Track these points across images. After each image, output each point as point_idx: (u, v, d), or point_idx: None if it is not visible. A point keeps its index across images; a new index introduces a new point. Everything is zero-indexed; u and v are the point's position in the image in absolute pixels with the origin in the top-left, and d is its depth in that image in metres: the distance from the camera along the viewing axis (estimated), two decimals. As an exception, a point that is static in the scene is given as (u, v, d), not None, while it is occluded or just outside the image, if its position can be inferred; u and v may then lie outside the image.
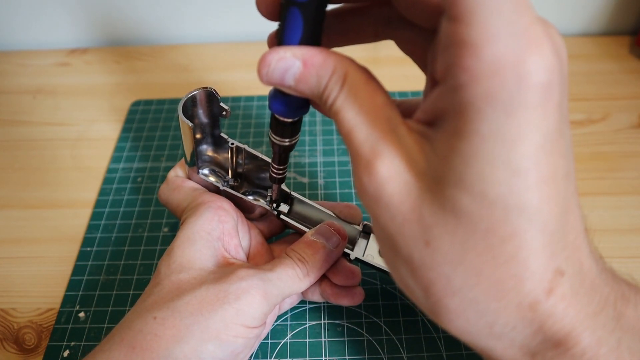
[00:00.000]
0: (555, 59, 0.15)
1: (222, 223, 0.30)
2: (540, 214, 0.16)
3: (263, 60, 0.20)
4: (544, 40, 0.15)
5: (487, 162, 0.16)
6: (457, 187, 0.17)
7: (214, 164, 0.35)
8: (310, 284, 0.29)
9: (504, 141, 0.15)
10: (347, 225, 0.33)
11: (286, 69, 0.20)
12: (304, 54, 0.19)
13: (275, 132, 0.25)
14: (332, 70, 0.19)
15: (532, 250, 0.17)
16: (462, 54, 0.15)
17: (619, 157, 0.44)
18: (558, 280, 0.17)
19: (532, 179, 0.16)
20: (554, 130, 0.16)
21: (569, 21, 0.58)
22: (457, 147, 0.16)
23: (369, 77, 0.20)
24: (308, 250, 0.29)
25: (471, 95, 0.15)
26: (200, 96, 0.30)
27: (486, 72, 0.15)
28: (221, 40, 0.59)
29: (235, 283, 0.26)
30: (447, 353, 0.32)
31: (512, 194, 0.16)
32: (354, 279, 0.31)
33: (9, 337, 0.34)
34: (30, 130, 0.48)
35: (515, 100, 0.15)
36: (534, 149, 0.16)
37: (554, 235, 0.17)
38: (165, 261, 0.28)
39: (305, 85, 0.20)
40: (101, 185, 0.43)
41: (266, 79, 0.20)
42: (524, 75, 0.15)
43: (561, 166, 0.17)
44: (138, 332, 0.24)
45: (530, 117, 0.15)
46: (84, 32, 0.58)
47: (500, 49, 0.15)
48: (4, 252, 0.39)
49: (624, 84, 0.51)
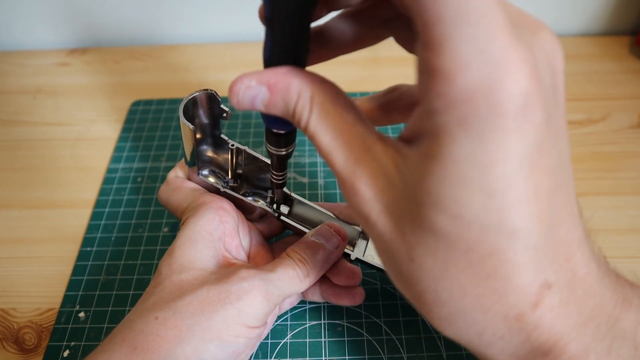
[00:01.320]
0: (531, 81, 0.15)
1: (223, 223, 0.30)
2: (520, 232, 0.16)
3: (231, 90, 0.20)
4: (519, 64, 0.15)
5: (461, 185, 0.16)
6: (433, 208, 0.17)
7: (213, 165, 0.35)
8: (310, 284, 0.29)
9: (477, 165, 0.16)
10: (347, 226, 0.33)
11: (254, 96, 0.20)
12: (269, 80, 0.20)
13: (270, 143, 0.25)
14: (297, 94, 0.20)
15: (514, 266, 0.17)
16: (435, 81, 0.15)
17: (619, 157, 0.44)
18: (545, 293, 0.17)
19: (510, 199, 0.16)
20: (534, 149, 0.16)
21: (569, 21, 0.58)
22: (431, 170, 0.16)
23: (336, 95, 0.20)
24: (308, 250, 0.29)
25: (444, 120, 0.15)
26: (200, 98, 0.30)
27: (459, 100, 0.15)
28: (221, 40, 0.59)
29: (237, 283, 0.26)
30: (447, 353, 0.32)
31: (489, 215, 0.16)
32: (355, 279, 0.31)
33: (9, 337, 0.34)
34: (30, 130, 0.48)
35: (488, 126, 0.15)
36: (510, 171, 0.16)
37: (539, 250, 0.17)
38: (166, 261, 0.28)
39: (276, 109, 0.20)
40: (101, 185, 0.43)
41: (237, 107, 0.21)
42: (497, 102, 0.15)
43: (546, 182, 0.17)
44: (139, 333, 0.24)
45: (504, 141, 0.15)
46: (84, 32, 0.58)
47: (473, 77, 0.15)
48: (4, 252, 0.39)
49: (624, 84, 0.51)
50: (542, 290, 0.17)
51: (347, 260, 0.32)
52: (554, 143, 0.17)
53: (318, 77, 0.20)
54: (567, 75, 0.57)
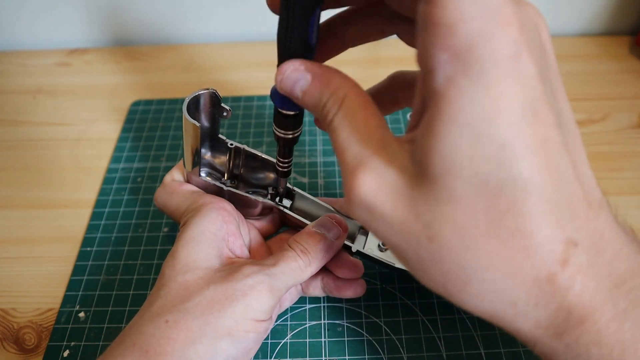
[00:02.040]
0: (520, 34, 0.16)
1: (226, 224, 0.30)
2: (533, 183, 0.16)
3: (280, 68, 0.22)
4: (511, 18, 0.16)
5: (474, 140, 0.16)
6: (447, 174, 0.17)
7: (210, 166, 0.35)
8: (311, 274, 0.29)
9: (486, 115, 0.16)
10: (347, 220, 0.33)
11: (297, 79, 0.22)
12: (315, 70, 0.21)
13: (279, 125, 0.26)
14: (333, 90, 0.21)
15: (534, 221, 0.17)
16: (439, 34, 0.16)
17: (619, 157, 0.44)
18: (571, 251, 0.17)
19: (520, 148, 0.16)
20: (534, 100, 0.16)
21: (569, 21, 0.58)
22: (441, 132, 0.17)
23: (367, 102, 0.21)
24: (310, 240, 0.29)
25: (450, 72, 0.16)
26: (203, 97, 0.30)
27: (462, 49, 0.16)
28: (222, 40, 0.59)
29: (242, 280, 0.26)
30: (447, 353, 0.32)
31: (503, 167, 0.16)
32: (358, 271, 0.32)
33: (9, 337, 0.34)
34: (30, 130, 0.48)
35: (490, 72, 0.16)
36: (516, 119, 0.16)
37: (555, 204, 0.17)
38: (170, 262, 0.28)
39: (310, 99, 0.22)
40: (101, 185, 0.43)
41: (279, 86, 0.22)
42: (495, 49, 0.15)
43: (551, 136, 0.17)
44: (150, 337, 0.24)
45: (505, 87, 0.16)
46: (84, 32, 0.58)
47: (474, 27, 0.15)
48: (4, 252, 0.39)
49: (624, 84, 0.51)
50: (569, 248, 0.17)
51: (348, 254, 0.32)
52: (552, 102, 0.17)
53: (353, 81, 0.22)
54: (567, 75, 0.57)
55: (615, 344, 0.17)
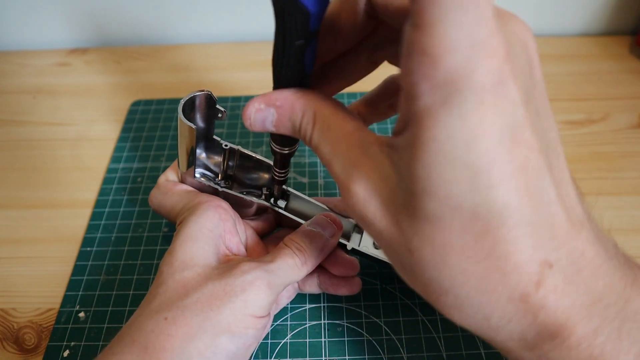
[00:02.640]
0: (505, 63, 0.16)
1: (223, 221, 0.30)
2: (510, 209, 0.17)
3: (244, 114, 0.23)
4: (498, 49, 0.16)
5: (447, 165, 0.16)
6: (424, 194, 0.17)
7: (205, 167, 0.35)
8: (308, 272, 0.30)
9: (460, 143, 0.16)
10: (342, 219, 0.33)
11: (264, 118, 0.23)
12: (275, 102, 0.22)
13: (275, 141, 0.27)
14: (301, 113, 0.22)
15: (510, 244, 0.17)
16: (422, 63, 0.16)
17: (619, 157, 0.44)
18: (546, 272, 0.17)
19: (496, 174, 0.16)
20: (515, 125, 0.16)
21: (569, 21, 0.58)
22: (417, 154, 0.17)
23: (337, 108, 0.22)
24: (305, 239, 0.30)
25: (428, 102, 0.16)
26: (198, 99, 0.30)
27: (443, 81, 0.16)
28: (221, 40, 0.59)
29: (240, 276, 0.26)
30: (447, 353, 0.32)
31: (477, 192, 0.16)
32: (353, 269, 0.32)
33: (9, 337, 0.34)
34: (30, 130, 0.48)
35: (468, 103, 0.16)
36: (492, 146, 0.16)
37: (533, 226, 0.17)
38: (167, 260, 0.28)
39: (284, 129, 0.23)
40: (101, 185, 0.43)
41: (252, 129, 0.23)
42: (476, 81, 0.16)
43: (532, 159, 0.17)
44: (150, 333, 0.24)
45: (482, 116, 0.16)
46: (84, 32, 0.58)
47: (458, 60, 0.15)
48: (4, 252, 0.39)
49: (624, 84, 0.51)
50: (543, 270, 0.17)
51: (344, 252, 0.32)
52: (536, 124, 0.17)
53: (319, 94, 0.22)
54: (567, 75, 0.57)
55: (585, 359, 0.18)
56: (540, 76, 0.19)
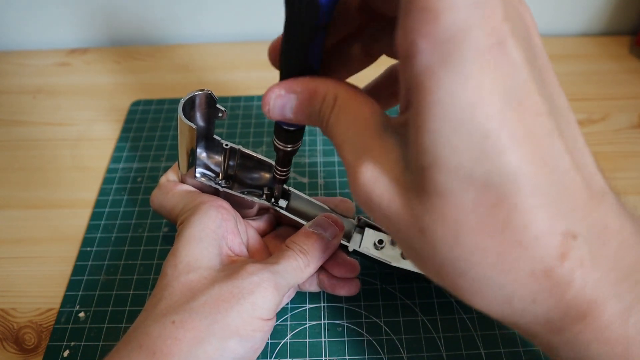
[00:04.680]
0: (504, 23, 0.15)
1: (225, 221, 0.30)
2: (523, 175, 0.16)
3: (263, 99, 0.22)
4: (496, 9, 0.15)
5: (454, 131, 0.15)
6: (433, 168, 0.16)
7: (204, 168, 0.35)
8: (311, 274, 0.30)
9: (465, 106, 0.15)
10: (343, 219, 0.33)
11: (283, 104, 0.22)
12: (298, 87, 0.21)
13: (279, 138, 0.27)
14: (322, 97, 0.21)
15: (527, 214, 0.16)
16: (421, 19, 0.15)
17: (619, 157, 0.44)
18: (570, 244, 0.16)
19: (505, 139, 0.15)
20: (519, 88, 0.16)
21: (569, 21, 0.58)
22: (423, 123, 0.16)
23: (356, 93, 0.21)
24: (307, 241, 0.30)
25: (427, 62, 0.15)
26: (198, 98, 0.30)
27: (443, 38, 0.15)
28: (221, 40, 0.59)
29: (247, 278, 0.26)
30: (447, 353, 0.32)
31: (488, 159, 0.15)
32: (354, 271, 0.32)
33: (9, 337, 0.34)
34: (30, 130, 0.48)
35: (470, 62, 0.15)
36: (499, 108, 0.15)
37: (550, 195, 0.16)
38: (171, 262, 0.28)
39: (302, 115, 0.22)
40: (101, 185, 0.43)
41: (269, 116, 0.22)
42: (476, 39, 0.15)
43: (541, 123, 0.16)
44: (157, 338, 0.24)
45: (486, 77, 0.15)
46: (84, 32, 0.58)
47: (459, 17, 0.15)
48: (4, 252, 0.39)
49: (624, 84, 0.51)
50: (567, 241, 0.16)
51: (344, 253, 0.33)
52: (542, 88, 0.16)
53: (338, 80, 0.21)
54: (567, 75, 0.57)
55: (617, 341, 0.17)
56: (541, 46, 0.18)
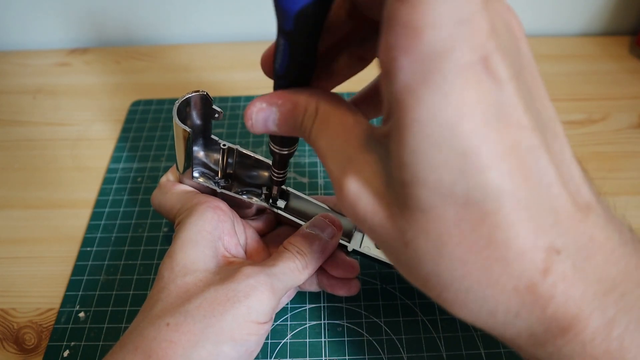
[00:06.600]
0: (489, 39, 0.15)
1: (222, 222, 0.30)
2: (504, 191, 0.16)
3: (245, 114, 0.22)
4: (481, 24, 0.15)
5: (434, 150, 0.15)
6: (414, 183, 0.16)
7: (203, 167, 0.35)
8: (309, 275, 0.29)
9: (444, 123, 0.15)
10: (342, 218, 0.33)
11: (266, 118, 0.22)
12: (279, 100, 0.22)
13: (274, 142, 0.27)
14: (304, 109, 0.21)
15: (509, 230, 0.16)
16: (403, 36, 0.15)
17: (619, 157, 0.44)
18: (553, 258, 0.16)
19: (486, 155, 0.15)
20: (502, 104, 0.15)
21: (569, 21, 0.58)
22: (402, 140, 0.16)
23: (339, 103, 0.21)
24: (305, 242, 0.29)
25: (408, 79, 0.15)
26: (193, 100, 0.30)
27: (424, 56, 0.15)
28: (221, 40, 0.59)
29: (243, 281, 0.26)
30: (447, 353, 0.32)
31: (468, 177, 0.15)
32: (353, 272, 0.32)
33: (9, 337, 0.34)
34: (30, 130, 0.48)
35: (450, 80, 0.15)
36: (479, 125, 0.15)
37: (533, 210, 0.16)
38: (168, 264, 0.28)
39: (285, 127, 0.22)
40: (101, 185, 0.43)
41: (253, 130, 0.23)
42: (459, 58, 0.15)
43: (524, 139, 0.16)
44: (152, 340, 0.24)
45: (466, 94, 0.15)
46: (84, 32, 0.58)
47: (442, 34, 0.14)
48: (4, 252, 0.39)
49: (624, 84, 0.51)
50: (550, 256, 0.16)
51: (344, 253, 0.32)
52: (528, 103, 0.16)
53: (320, 90, 0.22)
54: (567, 75, 0.57)
55: (601, 355, 0.17)
56: (530, 57, 0.18)
